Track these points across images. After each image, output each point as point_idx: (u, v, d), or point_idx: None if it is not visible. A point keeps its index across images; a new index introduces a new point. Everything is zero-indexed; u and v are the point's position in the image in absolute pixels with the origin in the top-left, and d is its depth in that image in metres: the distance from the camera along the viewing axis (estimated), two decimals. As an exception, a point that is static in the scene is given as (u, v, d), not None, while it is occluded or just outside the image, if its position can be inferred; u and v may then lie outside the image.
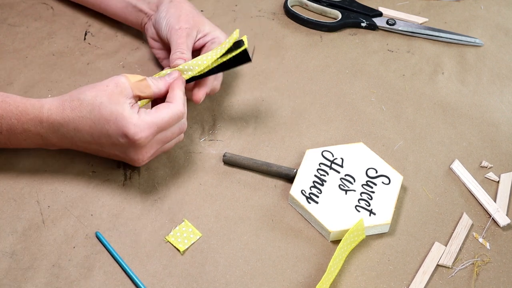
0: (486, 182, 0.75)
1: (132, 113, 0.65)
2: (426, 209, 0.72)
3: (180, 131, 0.71)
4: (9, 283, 0.63)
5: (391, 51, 0.91)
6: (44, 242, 0.66)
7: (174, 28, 0.76)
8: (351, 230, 0.66)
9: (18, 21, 0.91)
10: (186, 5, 0.80)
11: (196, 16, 0.79)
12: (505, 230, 0.70)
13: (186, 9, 0.79)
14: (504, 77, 0.88)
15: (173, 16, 0.78)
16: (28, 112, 0.67)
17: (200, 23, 0.78)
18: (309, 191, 0.70)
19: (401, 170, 0.75)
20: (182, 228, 0.68)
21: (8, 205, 0.69)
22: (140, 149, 0.67)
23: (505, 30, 0.95)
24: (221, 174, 0.74)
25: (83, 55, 0.87)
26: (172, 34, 0.76)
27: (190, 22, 0.77)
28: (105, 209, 0.70)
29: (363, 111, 0.82)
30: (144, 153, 0.68)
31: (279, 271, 0.66)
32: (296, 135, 0.79)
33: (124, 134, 0.65)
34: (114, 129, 0.65)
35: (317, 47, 0.91)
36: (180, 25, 0.76)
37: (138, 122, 0.65)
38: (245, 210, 0.71)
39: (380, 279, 0.65)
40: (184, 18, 0.77)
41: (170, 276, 0.65)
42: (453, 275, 0.66)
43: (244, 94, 0.83)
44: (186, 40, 0.76)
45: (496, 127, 0.81)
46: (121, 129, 0.65)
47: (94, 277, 0.64)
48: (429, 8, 0.98)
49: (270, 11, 0.96)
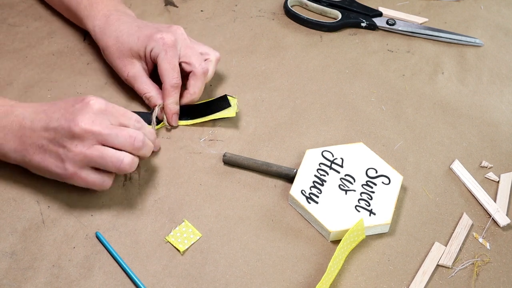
0: (486, 182, 0.75)
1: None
2: (426, 209, 0.72)
3: (131, 137, 0.66)
4: (9, 283, 0.63)
5: (391, 51, 0.91)
6: (44, 242, 0.66)
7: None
8: (351, 230, 0.66)
9: (18, 21, 0.91)
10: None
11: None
12: (505, 230, 0.70)
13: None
14: (504, 77, 0.88)
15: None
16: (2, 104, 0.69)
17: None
18: (309, 191, 0.70)
19: (401, 170, 0.75)
20: (182, 228, 0.68)
21: (8, 205, 0.69)
22: (89, 114, 0.65)
23: (505, 30, 0.95)
24: (221, 174, 0.74)
25: (83, 55, 0.87)
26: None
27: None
28: (105, 209, 0.70)
29: (363, 111, 0.82)
30: (91, 121, 0.64)
31: (279, 271, 0.66)
32: (296, 135, 0.79)
33: (81, 99, 0.66)
34: (72, 100, 0.67)
35: (317, 47, 0.91)
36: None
37: (99, 98, 0.67)
38: (245, 210, 0.71)
39: (380, 279, 0.65)
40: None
41: (170, 276, 0.65)
42: (453, 275, 0.66)
43: (244, 94, 0.83)
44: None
45: (496, 127, 0.81)
46: (80, 98, 0.66)
47: (94, 277, 0.64)
48: (429, 8, 0.98)
49: (270, 11, 0.96)
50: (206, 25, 0.93)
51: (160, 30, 0.77)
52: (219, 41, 0.90)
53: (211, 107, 0.79)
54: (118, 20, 0.80)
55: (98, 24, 0.81)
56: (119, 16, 0.81)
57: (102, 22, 0.80)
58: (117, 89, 0.82)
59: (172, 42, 0.76)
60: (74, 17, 0.87)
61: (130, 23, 0.80)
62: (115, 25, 0.79)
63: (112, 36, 0.79)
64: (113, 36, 0.79)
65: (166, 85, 0.76)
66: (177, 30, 0.78)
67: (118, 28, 0.79)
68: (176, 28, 0.79)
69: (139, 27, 0.79)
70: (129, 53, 0.78)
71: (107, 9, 0.82)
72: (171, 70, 0.76)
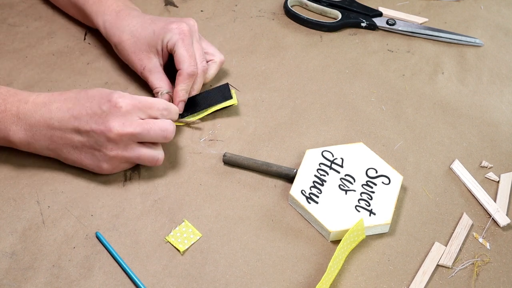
0: (486, 182, 0.75)
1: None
2: (426, 209, 0.72)
3: (160, 128, 0.68)
4: (9, 283, 0.63)
5: (391, 51, 0.91)
6: (44, 242, 0.66)
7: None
8: (351, 230, 0.66)
9: (18, 21, 0.91)
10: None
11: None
12: (505, 230, 0.70)
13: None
14: (504, 77, 0.88)
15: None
16: (17, 94, 0.69)
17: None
18: (309, 191, 0.70)
19: (401, 170, 0.75)
20: (182, 228, 0.68)
21: (8, 205, 0.69)
22: (119, 117, 0.66)
23: (505, 30, 0.95)
24: (221, 174, 0.74)
25: (83, 55, 0.87)
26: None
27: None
28: (105, 209, 0.70)
29: (363, 111, 0.82)
30: (122, 123, 0.66)
31: (279, 271, 0.66)
32: (296, 135, 0.79)
33: (107, 100, 0.66)
34: (97, 100, 0.67)
35: (317, 47, 0.91)
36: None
37: (122, 93, 0.67)
38: (245, 210, 0.71)
39: (380, 279, 0.65)
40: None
41: (170, 276, 0.65)
42: (453, 275, 0.66)
43: (244, 94, 0.83)
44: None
45: (496, 127, 0.81)
46: (105, 97, 0.67)
47: (94, 277, 0.64)
48: (429, 8, 0.98)
49: (270, 11, 0.96)
50: (206, 25, 0.93)
51: (174, 21, 0.78)
52: (219, 41, 0.90)
53: (212, 98, 0.79)
54: (129, 15, 0.80)
55: (108, 19, 0.80)
56: (129, 11, 0.81)
57: (113, 17, 0.80)
58: (117, 89, 0.82)
59: (188, 30, 0.77)
60: (80, 14, 0.87)
61: (142, 17, 0.80)
62: (126, 20, 0.79)
63: (126, 31, 0.79)
64: (126, 31, 0.79)
65: (183, 71, 0.76)
66: (190, 21, 0.79)
67: (131, 23, 0.79)
68: (189, 20, 0.79)
69: (152, 21, 0.79)
70: (146, 47, 0.78)
71: (116, 5, 0.82)
72: (188, 57, 0.76)
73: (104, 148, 0.67)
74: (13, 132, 0.68)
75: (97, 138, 0.67)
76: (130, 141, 0.68)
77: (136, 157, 0.69)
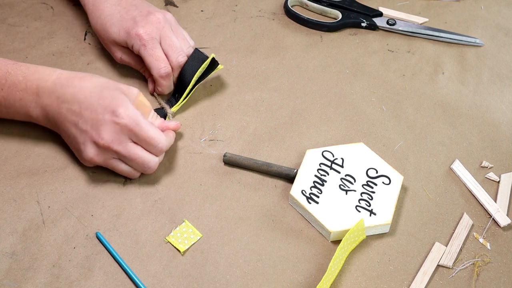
0: (486, 182, 0.75)
1: (129, 102, 0.68)
2: (426, 209, 0.72)
3: (142, 162, 0.70)
4: (9, 283, 0.63)
5: (391, 51, 0.91)
6: (44, 243, 0.66)
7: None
8: (351, 230, 0.66)
9: (18, 21, 0.91)
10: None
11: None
12: (506, 230, 0.70)
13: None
14: (504, 77, 0.88)
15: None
16: (39, 71, 0.71)
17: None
18: (310, 191, 0.70)
19: (401, 170, 0.75)
20: (183, 228, 0.68)
21: (8, 205, 0.69)
22: (112, 132, 0.67)
23: (505, 30, 0.95)
24: (221, 174, 0.74)
25: (83, 55, 0.87)
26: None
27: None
28: (105, 209, 0.70)
29: (363, 111, 0.82)
30: (111, 139, 0.67)
31: (279, 271, 0.66)
32: (296, 135, 0.79)
33: (112, 109, 0.67)
34: (105, 104, 0.67)
35: (317, 47, 0.91)
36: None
37: (130, 107, 0.68)
38: (245, 210, 0.71)
39: (381, 279, 0.65)
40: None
41: (171, 276, 0.65)
42: (454, 275, 0.66)
43: (244, 94, 0.83)
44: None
45: (497, 127, 0.81)
46: (113, 105, 0.67)
47: (95, 278, 0.64)
48: (429, 8, 0.98)
49: (270, 11, 0.96)
50: (206, 25, 0.93)
51: (137, 22, 0.77)
52: (219, 41, 0.90)
53: (191, 68, 0.79)
54: (105, 2, 0.80)
55: (89, 1, 0.82)
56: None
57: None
58: (117, 89, 0.82)
59: (148, 36, 0.77)
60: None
61: (114, 7, 0.80)
62: (100, 9, 0.80)
63: (98, 22, 0.80)
64: (99, 23, 0.80)
65: (154, 76, 0.78)
66: (153, 18, 0.78)
67: (103, 14, 0.80)
68: (154, 17, 0.78)
69: (121, 16, 0.79)
70: (115, 42, 0.80)
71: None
72: (155, 62, 0.77)
73: (88, 148, 0.69)
74: (32, 109, 0.70)
75: (87, 139, 0.68)
76: (115, 155, 0.69)
77: (116, 169, 0.71)
